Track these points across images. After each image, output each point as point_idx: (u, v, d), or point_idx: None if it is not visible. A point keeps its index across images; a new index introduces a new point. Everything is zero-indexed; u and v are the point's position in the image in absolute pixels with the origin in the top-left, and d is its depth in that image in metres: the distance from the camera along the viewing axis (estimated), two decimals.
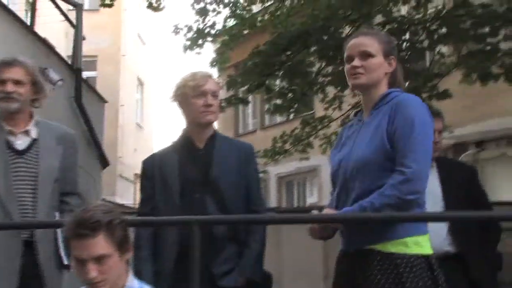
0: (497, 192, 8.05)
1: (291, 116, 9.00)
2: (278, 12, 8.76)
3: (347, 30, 6.66)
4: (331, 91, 8.24)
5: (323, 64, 7.33)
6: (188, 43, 8.36)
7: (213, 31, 8.39)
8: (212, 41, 8.66)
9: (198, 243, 2.24)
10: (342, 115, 8.79)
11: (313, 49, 7.16)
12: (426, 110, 2.30)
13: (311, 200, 15.03)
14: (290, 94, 7.78)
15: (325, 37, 6.20)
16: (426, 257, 2.19)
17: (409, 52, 6.25)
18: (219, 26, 8.56)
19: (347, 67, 2.40)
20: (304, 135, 8.83)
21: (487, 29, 6.27)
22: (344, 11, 6.44)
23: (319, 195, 14.64)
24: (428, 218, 2.41)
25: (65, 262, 2.91)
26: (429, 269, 2.17)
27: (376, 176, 2.22)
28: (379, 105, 2.35)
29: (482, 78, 6.18)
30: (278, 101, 7.80)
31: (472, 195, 3.28)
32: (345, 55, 2.42)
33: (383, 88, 2.38)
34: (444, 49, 7.07)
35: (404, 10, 6.54)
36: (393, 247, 2.17)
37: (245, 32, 8.81)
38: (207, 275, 2.66)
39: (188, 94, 2.83)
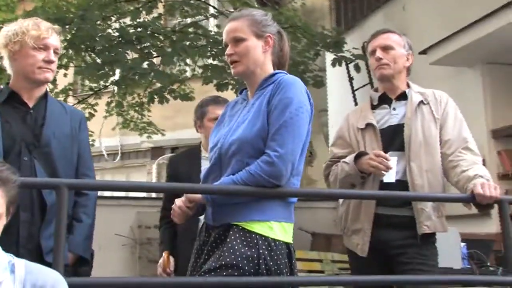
0: None
1: None
2: None
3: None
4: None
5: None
6: None
7: None
8: None
9: (65, 209, 1.83)
10: None
11: None
12: (306, 94, 2.16)
13: None
14: None
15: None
16: (287, 245, 2.10)
17: (160, 56, 6.27)
18: None
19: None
20: None
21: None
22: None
23: None
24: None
25: None
26: (288, 257, 2.09)
27: (253, 156, 2.07)
28: (264, 85, 2.19)
29: (218, 87, 6.58)
30: None
31: None
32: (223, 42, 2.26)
33: (267, 68, 2.23)
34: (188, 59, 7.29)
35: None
36: (258, 228, 2.03)
37: None
38: (34, 247, 2.23)
39: (28, 44, 2.32)
